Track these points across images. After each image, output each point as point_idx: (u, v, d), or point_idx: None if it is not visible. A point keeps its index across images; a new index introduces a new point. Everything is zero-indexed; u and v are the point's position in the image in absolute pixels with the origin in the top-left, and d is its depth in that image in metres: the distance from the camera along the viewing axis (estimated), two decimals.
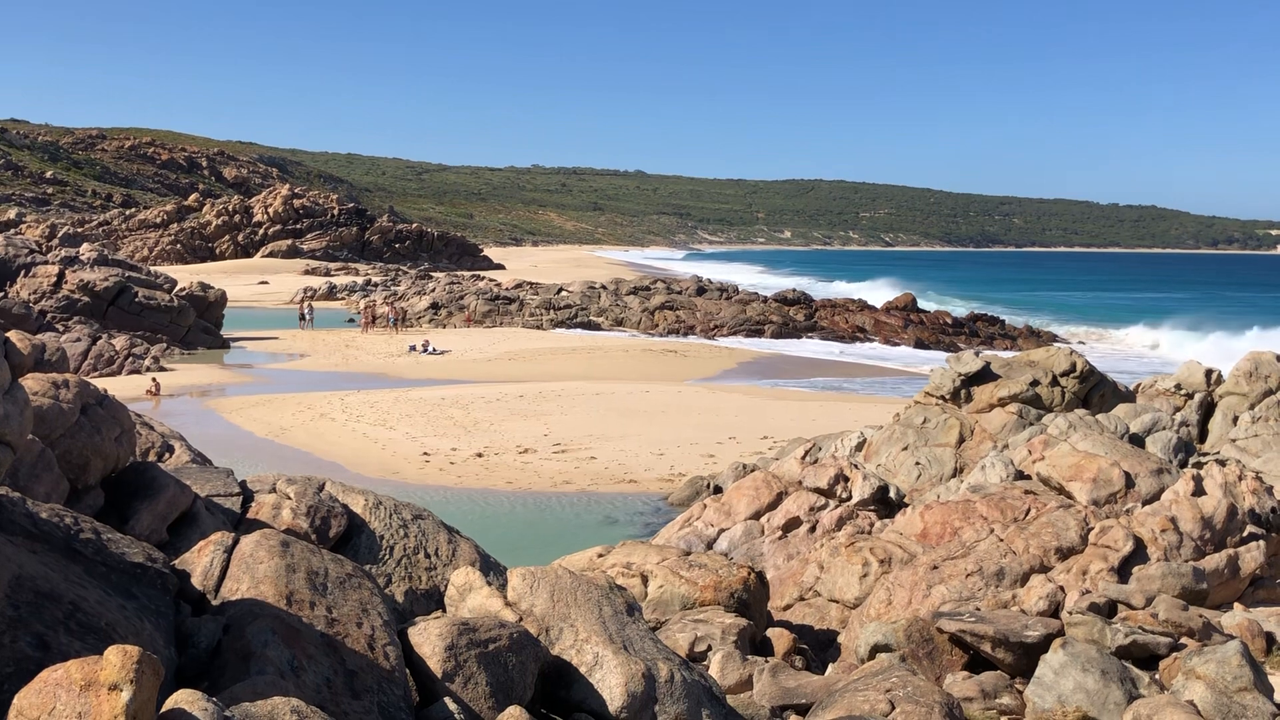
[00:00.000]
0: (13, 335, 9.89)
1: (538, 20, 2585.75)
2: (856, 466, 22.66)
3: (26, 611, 7.26)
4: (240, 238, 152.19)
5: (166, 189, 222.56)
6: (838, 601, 17.91)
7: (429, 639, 9.21)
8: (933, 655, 13.78)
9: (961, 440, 25.34)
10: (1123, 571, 15.87)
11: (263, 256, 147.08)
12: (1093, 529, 16.86)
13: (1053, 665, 12.29)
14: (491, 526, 26.35)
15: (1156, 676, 12.48)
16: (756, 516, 22.01)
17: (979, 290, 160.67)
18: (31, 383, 12.03)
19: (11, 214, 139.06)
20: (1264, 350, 26.99)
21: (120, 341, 56.92)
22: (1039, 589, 15.63)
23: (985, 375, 27.47)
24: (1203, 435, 25.20)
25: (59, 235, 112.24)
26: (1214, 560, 16.00)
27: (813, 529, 21.28)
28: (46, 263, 65.30)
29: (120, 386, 42.91)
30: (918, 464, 24.93)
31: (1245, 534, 16.78)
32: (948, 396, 27.20)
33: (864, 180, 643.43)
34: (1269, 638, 14.13)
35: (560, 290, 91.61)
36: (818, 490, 22.07)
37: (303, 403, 42.84)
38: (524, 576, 10.90)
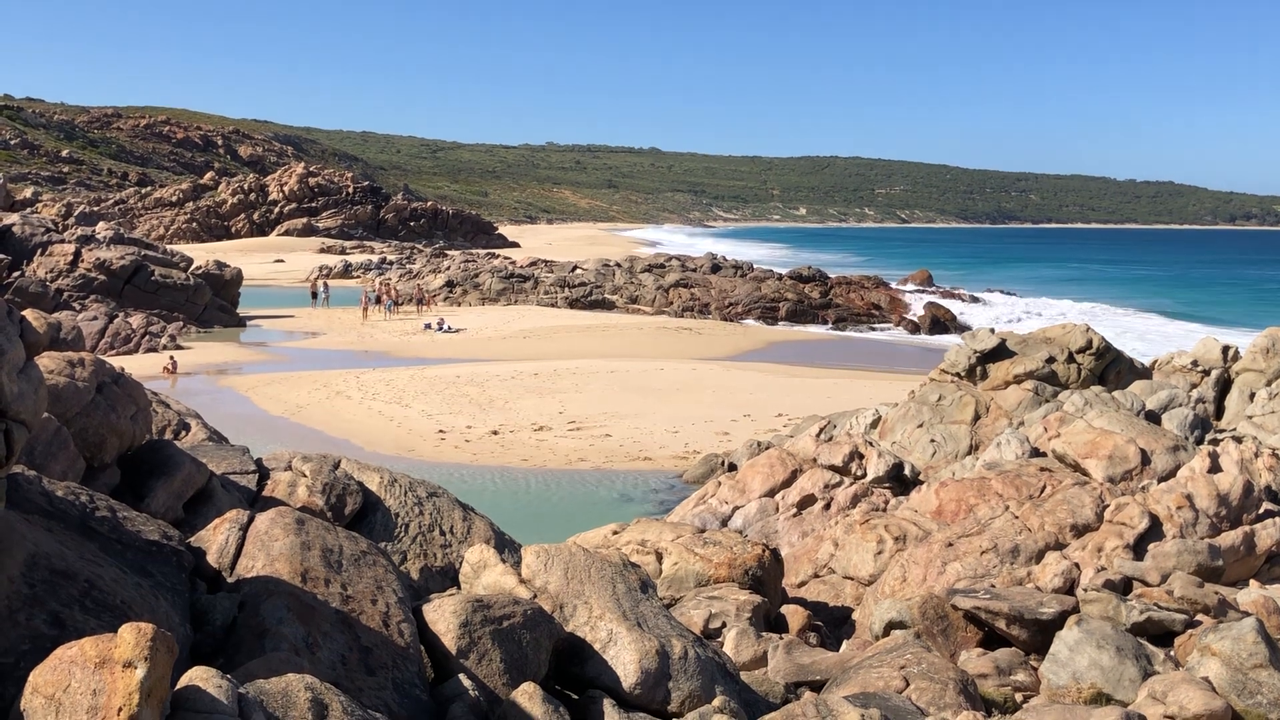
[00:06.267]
0: (29, 314, 9.91)
1: None
2: (871, 444, 22.63)
3: (42, 589, 7.30)
4: (256, 216, 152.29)
5: (182, 167, 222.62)
6: (852, 578, 17.91)
7: (444, 616, 9.24)
8: (947, 632, 13.77)
9: (977, 417, 25.28)
10: (1138, 549, 15.84)
11: (278, 235, 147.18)
12: (1108, 506, 16.82)
13: (1068, 642, 12.27)
14: (506, 504, 26.39)
15: (1172, 653, 12.46)
16: (771, 494, 22.01)
17: (995, 267, 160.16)
18: (47, 361, 12.08)
19: (28, 193, 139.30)
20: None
21: (137, 320, 57.08)
22: (1054, 566, 15.61)
23: (1001, 352, 27.39)
24: (1219, 412, 25.09)
25: (75, 214, 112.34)
26: (1230, 537, 15.95)
27: (827, 506, 21.28)
28: (63, 241, 65.43)
29: (137, 365, 43.05)
30: (933, 441, 24.88)
31: (1261, 511, 16.72)
32: (963, 373, 27.13)
33: (880, 156, 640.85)
34: None
35: (575, 268, 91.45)
36: (832, 468, 22.06)
37: (318, 380, 42.91)
38: (538, 554, 10.92)
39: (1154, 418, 21.84)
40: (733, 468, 27.46)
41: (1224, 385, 25.60)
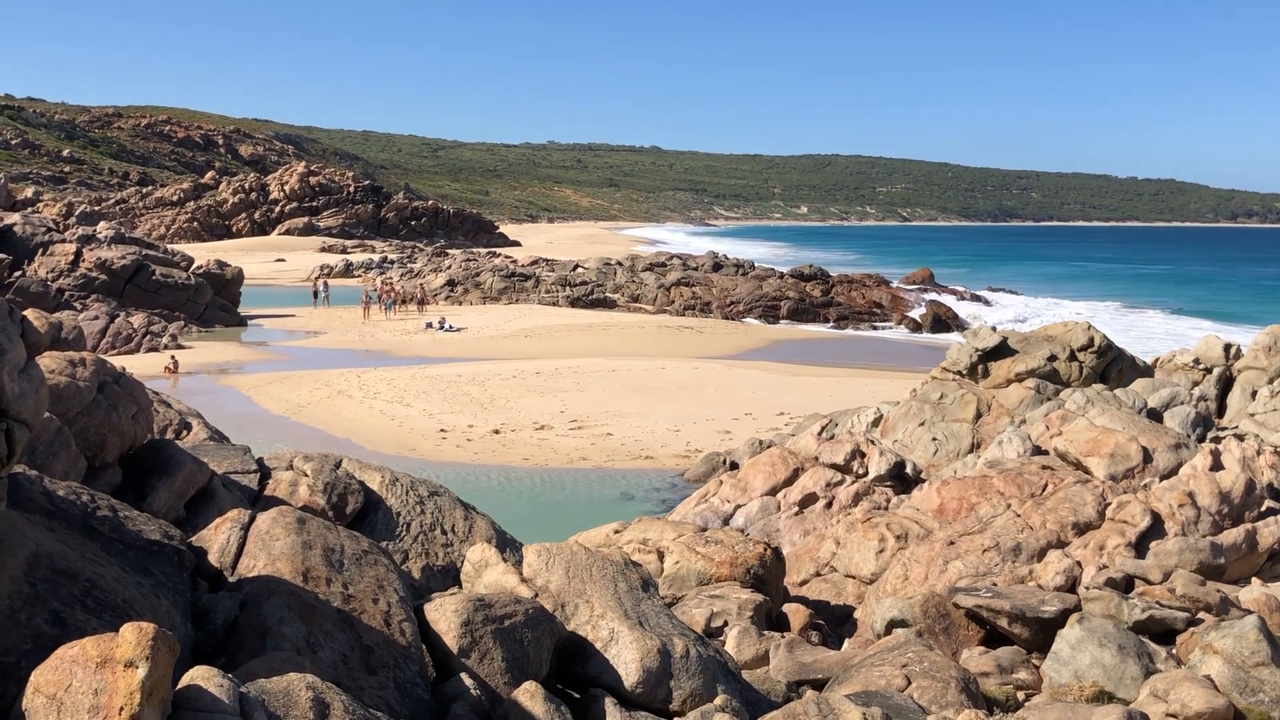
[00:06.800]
0: (30, 314, 9.91)
1: None
2: (873, 442, 22.63)
3: (44, 589, 7.30)
4: (257, 215, 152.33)
5: (183, 167, 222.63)
6: (854, 577, 17.91)
7: (445, 615, 9.24)
8: (949, 631, 13.77)
9: (978, 416, 25.26)
10: (1140, 546, 15.83)
11: (279, 234, 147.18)
12: (1110, 504, 16.81)
13: (1069, 640, 12.26)
14: (508, 503, 26.39)
15: (1173, 651, 12.45)
16: (773, 492, 22.01)
17: (997, 265, 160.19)
18: (48, 361, 12.07)
19: (29, 192, 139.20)
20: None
21: (138, 319, 57.09)
22: (1056, 564, 15.60)
23: (1002, 350, 27.37)
24: (1221, 410, 25.08)
25: (76, 214, 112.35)
26: (1232, 535, 15.95)
27: (829, 505, 21.28)
28: (64, 241, 65.44)
29: (138, 364, 43.06)
30: (934, 440, 24.87)
31: (1263, 508, 16.71)
32: (964, 372, 27.11)
33: (881, 155, 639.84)
34: None
35: (576, 267, 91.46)
36: (834, 466, 22.06)
37: (320, 380, 42.92)
38: (539, 553, 10.92)
39: (1156, 416, 21.83)
40: (734, 466, 27.45)
41: (1226, 383, 25.58)
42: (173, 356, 48.42)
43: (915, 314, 77.90)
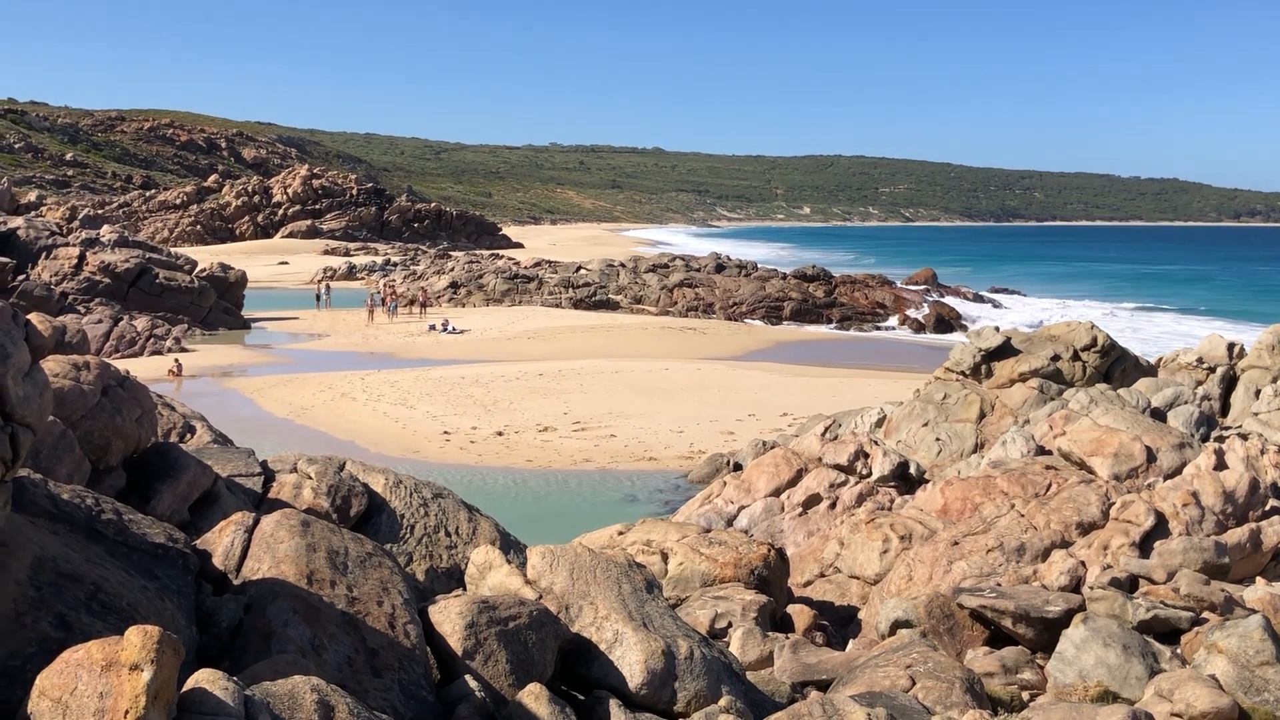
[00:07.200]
0: (34, 317, 9.92)
1: None
2: (876, 443, 22.62)
3: (48, 592, 7.31)
4: (260, 218, 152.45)
5: (186, 170, 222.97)
6: (858, 578, 17.91)
7: (449, 617, 9.24)
8: (953, 631, 13.76)
9: (982, 416, 25.25)
10: (1144, 546, 15.83)
11: (282, 237, 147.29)
12: (1114, 504, 16.81)
13: (1074, 640, 12.26)
14: (512, 505, 26.41)
15: (1178, 651, 12.45)
16: (776, 493, 22.01)
17: (1000, 265, 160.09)
18: (52, 364, 12.08)
19: (32, 196, 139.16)
20: None
21: (141, 323, 57.15)
22: (1060, 564, 15.59)
23: (1006, 350, 27.36)
24: (1225, 409, 25.06)
25: (79, 217, 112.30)
26: (1236, 534, 15.93)
27: (833, 505, 21.27)
28: (67, 245, 65.48)
29: (142, 367, 43.12)
30: (938, 440, 24.86)
31: (1267, 508, 16.71)
32: (968, 372, 27.10)
33: (883, 155, 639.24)
34: None
35: (579, 268, 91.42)
36: (838, 467, 22.05)
37: (323, 382, 42.94)
38: (543, 555, 10.92)
39: (1159, 415, 21.82)
40: (738, 467, 27.45)
41: (1229, 382, 25.57)
42: (176, 359, 48.47)
43: (918, 314, 77.85)
